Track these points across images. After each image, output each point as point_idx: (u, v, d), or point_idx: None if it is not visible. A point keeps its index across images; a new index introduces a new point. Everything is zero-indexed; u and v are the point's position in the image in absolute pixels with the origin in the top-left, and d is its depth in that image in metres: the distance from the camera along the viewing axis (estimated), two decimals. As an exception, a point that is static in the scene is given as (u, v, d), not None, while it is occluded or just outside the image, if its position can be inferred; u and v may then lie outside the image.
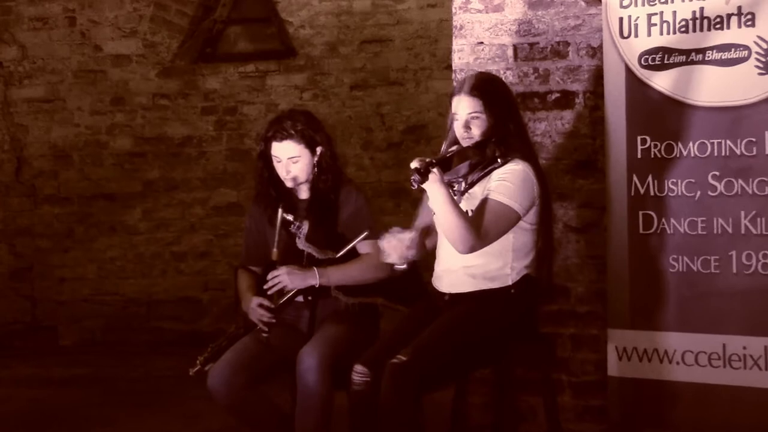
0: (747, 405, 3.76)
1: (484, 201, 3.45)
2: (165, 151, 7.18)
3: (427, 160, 3.28)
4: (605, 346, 4.03)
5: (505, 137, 3.52)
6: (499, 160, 3.48)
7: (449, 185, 3.50)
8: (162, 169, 7.18)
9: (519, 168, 3.49)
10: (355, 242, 3.77)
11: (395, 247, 3.44)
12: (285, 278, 3.79)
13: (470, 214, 3.48)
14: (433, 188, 3.31)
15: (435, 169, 3.27)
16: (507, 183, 3.46)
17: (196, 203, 7.19)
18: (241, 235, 4.29)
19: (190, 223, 7.20)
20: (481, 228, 3.40)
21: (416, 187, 3.26)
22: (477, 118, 3.52)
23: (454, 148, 3.51)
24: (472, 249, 3.40)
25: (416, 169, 3.25)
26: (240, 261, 4.13)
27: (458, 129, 3.56)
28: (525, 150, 3.57)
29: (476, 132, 3.53)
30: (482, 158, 3.48)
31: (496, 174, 3.49)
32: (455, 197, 3.51)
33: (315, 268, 3.81)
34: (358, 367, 3.48)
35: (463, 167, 3.45)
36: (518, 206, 3.46)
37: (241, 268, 4.06)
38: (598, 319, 4.15)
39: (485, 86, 3.53)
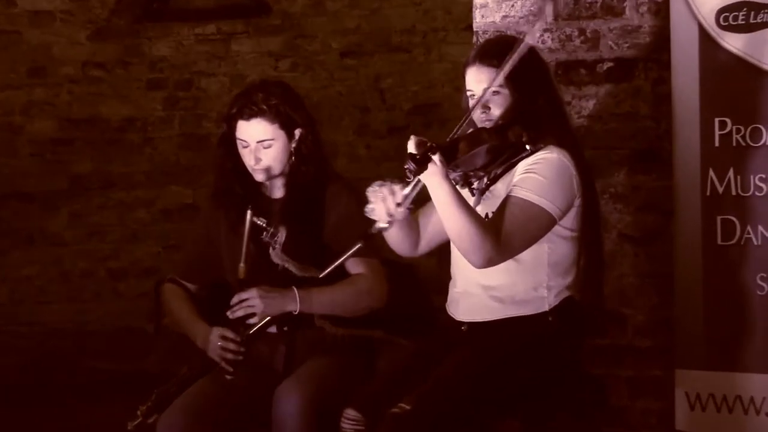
0: None
1: (506, 199, 3.44)
2: (99, 137, 7.18)
3: (428, 143, 3.28)
4: (672, 391, 4.04)
5: (534, 118, 3.52)
6: (527, 147, 3.48)
7: (466, 181, 3.51)
8: (95, 161, 7.19)
9: (552, 157, 3.49)
10: (344, 257, 3.75)
11: (384, 200, 3.35)
12: (257, 302, 3.79)
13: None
14: (433, 182, 3.30)
15: (436, 157, 3.27)
16: (536, 175, 3.46)
17: (140, 205, 7.19)
18: (186, 243, 4.27)
19: (131, 231, 7.20)
20: (501, 233, 3.38)
21: (411, 178, 3.26)
22: (497, 93, 3.52)
23: (466, 130, 3.50)
24: (490, 261, 3.40)
25: (411, 155, 3.25)
26: (174, 272, 4.09)
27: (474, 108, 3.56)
28: (561, 134, 3.57)
29: (496, 111, 3.54)
30: (503, 144, 3.48)
31: (523, 165, 3.49)
32: (473, 197, 3.52)
33: (295, 290, 3.81)
34: (350, 413, 3.49)
35: (480, 156, 3.44)
36: (551, 205, 3.46)
37: (170, 281, 4.05)
38: (663, 357, 4.16)
39: (505, 52, 3.48)
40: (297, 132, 3.90)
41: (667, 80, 4.09)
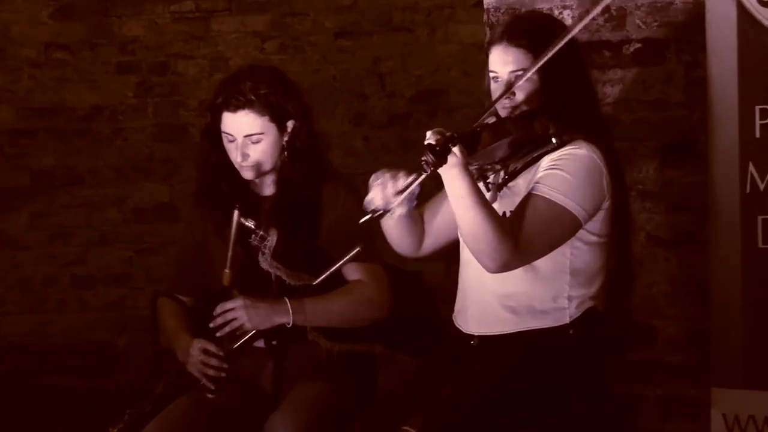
0: None
1: (528, 198, 3.46)
2: (63, 127, 7.18)
3: (447, 134, 3.28)
4: (708, 412, 4.04)
5: (563, 109, 3.52)
6: (553, 140, 3.49)
7: (481, 174, 3.52)
8: (59, 154, 7.19)
9: (581, 153, 3.50)
10: (341, 262, 3.77)
11: (384, 185, 3.44)
12: (242, 314, 3.80)
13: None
14: (451, 174, 3.32)
15: (456, 148, 3.28)
16: (562, 173, 3.47)
17: (109, 204, 7.19)
18: (174, 251, 4.30)
19: (99, 233, 7.19)
20: (520, 236, 3.40)
21: (429, 171, 3.27)
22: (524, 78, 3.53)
23: (487, 119, 3.50)
24: (507, 266, 3.41)
25: (430, 145, 3.26)
26: (166, 285, 4.13)
27: (497, 93, 3.56)
28: (593, 127, 3.58)
29: (521, 98, 3.55)
30: (528, 136, 3.48)
31: (548, 160, 3.50)
32: (488, 192, 3.52)
33: (287, 300, 3.82)
34: (351, 445, 3.51)
35: (501, 148, 3.45)
36: (577, 207, 3.47)
37: (166, 296, 4.07)
38: (698, 374, 4.17)
39: (536, 32, 3.52)
40: (289, 124, 3.91)
41: (702, 63, 4.10)
